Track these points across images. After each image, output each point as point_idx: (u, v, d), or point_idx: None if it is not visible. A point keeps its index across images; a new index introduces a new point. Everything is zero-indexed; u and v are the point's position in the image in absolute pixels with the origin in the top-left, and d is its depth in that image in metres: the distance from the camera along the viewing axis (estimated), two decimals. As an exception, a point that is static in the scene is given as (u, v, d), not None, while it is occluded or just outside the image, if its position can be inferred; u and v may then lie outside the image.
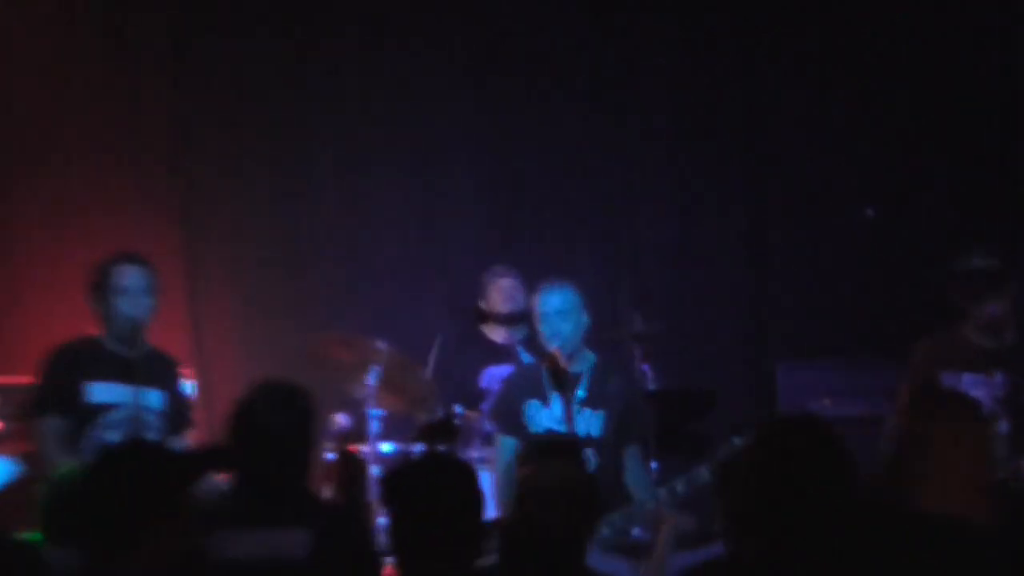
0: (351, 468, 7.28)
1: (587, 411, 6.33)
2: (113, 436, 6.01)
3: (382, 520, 6.96)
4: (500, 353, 7.78)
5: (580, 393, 6.36)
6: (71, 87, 8.32)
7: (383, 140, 8.67)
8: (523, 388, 6.47)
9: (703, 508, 5.81)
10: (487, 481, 6.50)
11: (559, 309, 6.36)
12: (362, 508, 6.94)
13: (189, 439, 6.39)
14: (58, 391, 6.07)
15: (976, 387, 6.18)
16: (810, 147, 8.69)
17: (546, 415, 6.39)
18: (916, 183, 8.56)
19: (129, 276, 6.15)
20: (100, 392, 6.09)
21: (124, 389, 6.09)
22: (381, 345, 7.17)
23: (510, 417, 6.43)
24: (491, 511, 6.30)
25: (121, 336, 6.11)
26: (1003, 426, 6.18)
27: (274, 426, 4.53)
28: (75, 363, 6.12)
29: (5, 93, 8.22)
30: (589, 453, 6.13)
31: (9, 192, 8.27)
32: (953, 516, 3.59)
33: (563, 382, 6.33)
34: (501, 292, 7.87)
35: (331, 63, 8.65)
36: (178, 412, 6.30)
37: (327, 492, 6.91)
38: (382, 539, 6.94)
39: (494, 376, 7.58)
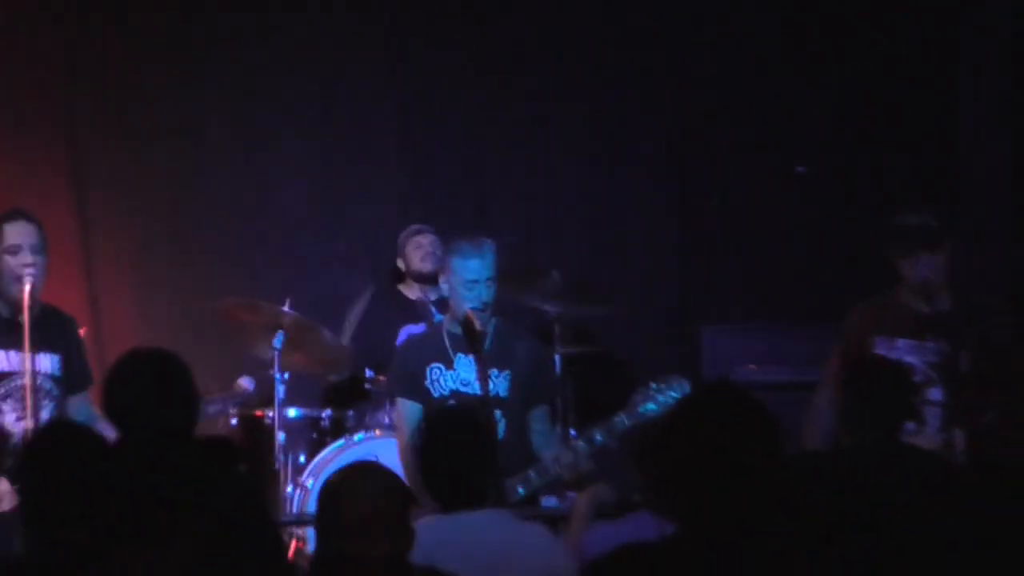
0: (254, 434, 7.22)
1: (493, 371, 6.08)
2: (5, 407, 5.82)
3: (289, 489, 6.91)
4: (417, 312, 7.64)
5: (485, 349, 6.08)
6: None
7: (290, 95, 8.48)
8: (422, 353, 6.20)
9: (621, 478, 5.59)
10: (393, 448, 6.43)
11: (485, 276, 6.05)
12: (265, 476, 6.85)
13: (90, 397, 6.14)
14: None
15: (910, 353, 6.06)
16: (740, 111, 8.55)
17: (450, 377, 6.13)
18: (847, 148, 8.46)
19: (19, 233, 5.89)
20: (-16, 361, 5.92)
21: (15, 356, 5.84)
22: (286, 308, 7.03)
23: (412, 383, 6.16)
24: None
25: (10, 298, 5.84)
26: (935, 393, 6.07)
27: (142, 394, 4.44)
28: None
29: None
30: (497, 415, 5.93)
31: None
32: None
33: (477, 343, 6.02)
34: (420, 249, 7.73)
35: (233, 9, 8.48)
36: (76, 373, 6.06)
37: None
38: (288, 509, 6.94)
39: (411, 333, 7.38)
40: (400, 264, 7.81)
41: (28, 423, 5.72)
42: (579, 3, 8.63)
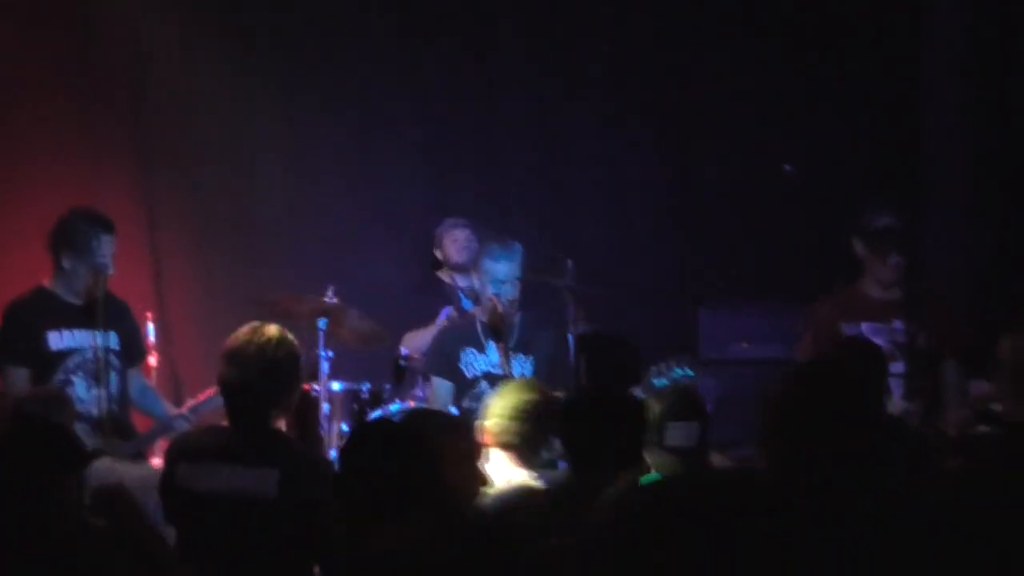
0: (304, 405, 7.24)
1: (520, 356, 6.55)
2: (77, 379, 6.18)
3: (332, 454, 7.17)
4: (454, 296, 7.94)
5: (512, 340, 6.55)
6: (26, 28, 8.16)
7: (330, 92, 8.65)
8: (458, 338, 6.67)
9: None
10: None
11: (510, 276, 6.56)
12: (315, 442, 6.92)
13: (144, 370, 6.58)
14: (20, 342, 6.21)
15: (875, 335, 6.45)
16: (735, 103, 8.75)
17: (483, 361, 6.61)
18: (832, 140, 8.62)
19: (110, 247, 6.26)
20: (60, 339, 6.24)
21: (82, 334, 6.22)
22: (328, 297, 7.32)
23: (447, 365, 6.63)
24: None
25: (80, 286, 6.24)
26: (897, 366, 6.43)
27: (243, 371, 4.62)
28: (33, 314, 6.25)
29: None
30: None
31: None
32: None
33: (501, 329, 6.52)
34: (456, 243, 7.99)
35: (282, 12, 8.68)
36: (132, 348, 6.46)
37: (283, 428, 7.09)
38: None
39: (450, 314, 7.75)
40: (437, 254, 8.08)
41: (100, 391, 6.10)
42: (590, 19, 8.79)
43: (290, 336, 4.77)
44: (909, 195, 7.64)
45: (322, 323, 7.31)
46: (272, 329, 4.75)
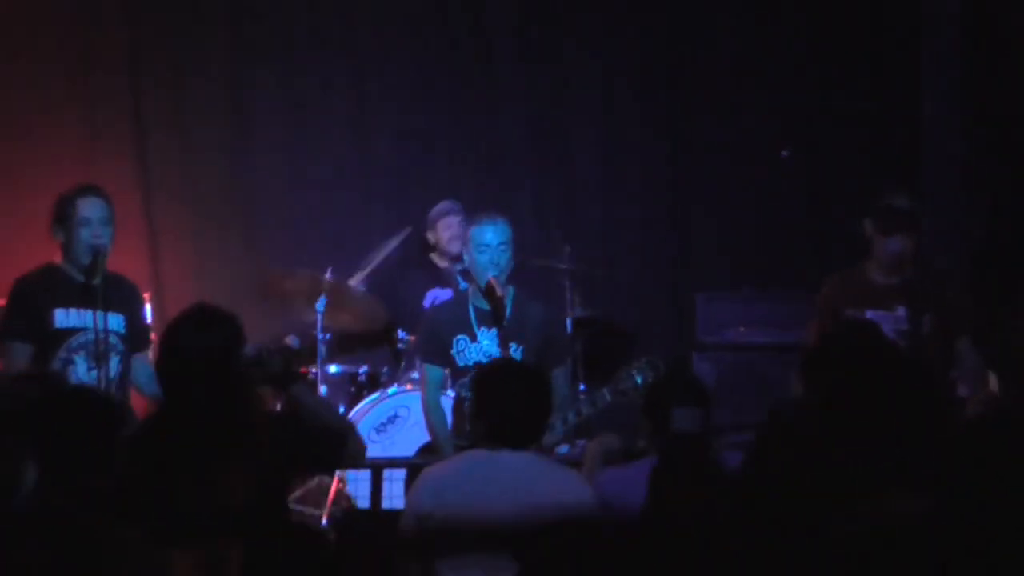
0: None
1: (512, 343, 6.40)
2: (79, 358, 6.06)
3: None
4: (443, 278, 7.86)
5: (505, 324, 6.41)
6: (26, 20, 8.21)
7: (327, 72, 8.64)
8: (450, 323, 6.50)
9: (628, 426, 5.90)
10: (418, 403, 6.69)
11: (499, 241, 6.41)
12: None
13: (148, 358, 6.39)
14: (24, 318, 6.09)
15: (879, 322, 6.16)
16: (732, 88, 8.70)
17: (475, 349, 6.44)
18: (828, 127, 8.60)
19: (91, 207, 6.12)
20: (65, 317, 6.11)
21: (87, 314, 6.09)
22: (327, 276, 7.27)
23: (439, 351, 6.47)
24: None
25: (83, 264, 6.11)
26: None
27: (195, 347, 4.50)
28: (39, 291, 6.13)
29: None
30: None
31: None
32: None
33: (498, 310, 6.38)
34: (449, 230, 7.93)
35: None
36: (138, 333, 6.33)
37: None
38: None
39: (438, 297, 7.69)
40: (429, 236, 8.02)
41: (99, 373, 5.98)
42: (587, 7, 8.76)
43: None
44: (909, 181, 7.50)
45: (320, 305, 7.29)
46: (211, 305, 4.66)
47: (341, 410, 7.37)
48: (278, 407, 6.45)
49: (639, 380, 6.20)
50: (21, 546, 3.62)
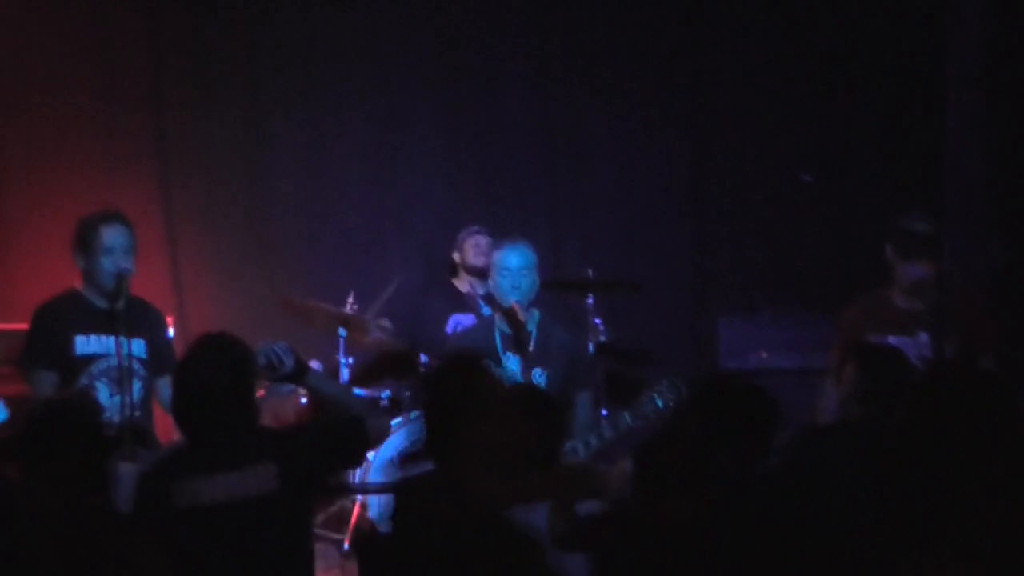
0: (321, 411, 7.37)
1: (536, 369, 6.38)
2: (101, 385, 6.02)
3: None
4: (466, 303, 7.82)
5: (530, 349, 6.40)
6: (45, 25, 8.23)
7: (346, 97, 8.65)
8: (476, 348, 6.39)
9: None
10: None
11: (520, 266, 6.42)
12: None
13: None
14: (46, 345, 6.05)
15: (902, 348, 6.06)
16: (752, 110, 8.68)
17: (499, 375, 6.31)
18: (849, 149, 8.58)
19: (114, 236, 6.07)
20: (86, 344, 6.06)
21: (109, 340, 6.03)
22: (347, 308, 7.35)
23: None
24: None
25: (106, 290, 6.07)
26: None
27: (207, 377, 4.53)
28: (61, 318, 6.08)
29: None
30: None
31: (1, 149, 8.26)
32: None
33: (521, 335, 6.36)
34: (476, 247, 7.96)
35: (299, 17, 8.65)
36: (161, 357, 6.25)
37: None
38: (351, 477, 7.18)
39: (460, 323, 7.68)
40: (456, 257, 8.05)
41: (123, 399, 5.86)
42: (604, 24, 8.73)
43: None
44: (930, 204, 7.43)
45: (342, 331, 7.37)
46: (219, 333, 4.71)
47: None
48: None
49: (660, 403, 6.22)
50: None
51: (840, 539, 3.56)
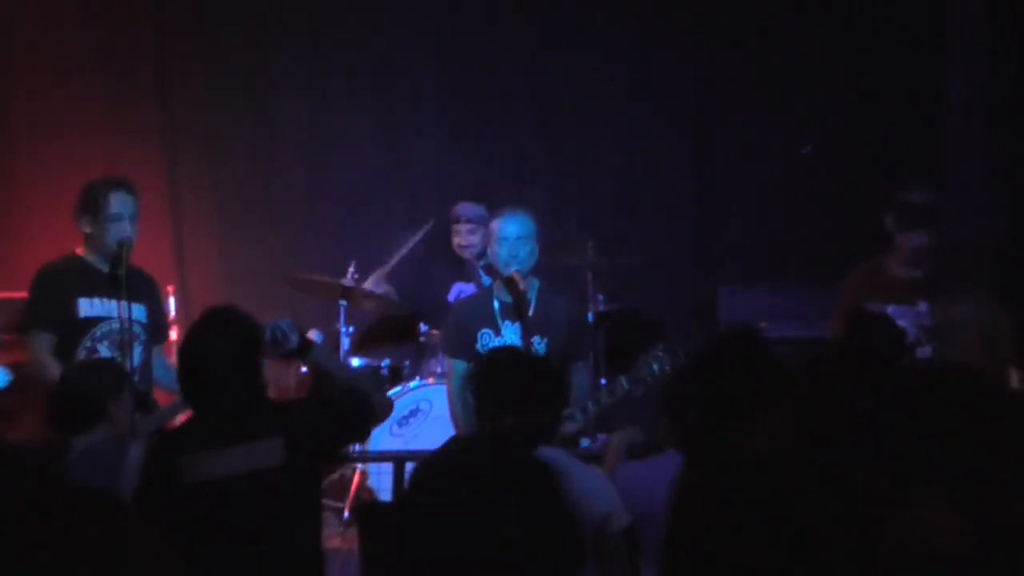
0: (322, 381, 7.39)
1: (536, 336, 6.34)
2: (103, 348, 6.02)
3: None
4: (467, 271, 7.80)
5: (529, 317, 6.35)
6: (50, 6, 8.27)
7: (349, 69, 8.65)
8: (475, 318, 6.44)
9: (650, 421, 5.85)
10: (443, 394, 6.67)
11: (518, 235, 6.37)
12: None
13: (166, 350, 6.43)
14: (49, 307, 6.05)
15: (901, 317, 6.20)
16: (755, 82, 8.65)
17: (499, 343, 6.36)
18: (850, 122, 8.53)
19: (123, 203, 6.08)
20: (89, 307, 6.07)
21: (111, 303, 6.05)
22: (347, 280, 7.34)
23: (464, 345, 6.40)
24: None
25: (108, 256, 6.07)
26: (925, 351, 6.28)
27: (215, 351, 4.52)
28: (64, 281, 6.09)
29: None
30: None
31: (7, 118, 8.28)
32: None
33: (521, 305, 6.33)
34: (458, 236, 7.81)
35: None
36: (158, 325, 6.32)
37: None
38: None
39: (463, 291, 7.63)
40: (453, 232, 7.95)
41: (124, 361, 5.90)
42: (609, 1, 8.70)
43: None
44: (931, 176, 7.41)
45: (343, 302, 7.36)
46: (225, 307, 4.68)
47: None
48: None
49: (656, 368, 6.17)
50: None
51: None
